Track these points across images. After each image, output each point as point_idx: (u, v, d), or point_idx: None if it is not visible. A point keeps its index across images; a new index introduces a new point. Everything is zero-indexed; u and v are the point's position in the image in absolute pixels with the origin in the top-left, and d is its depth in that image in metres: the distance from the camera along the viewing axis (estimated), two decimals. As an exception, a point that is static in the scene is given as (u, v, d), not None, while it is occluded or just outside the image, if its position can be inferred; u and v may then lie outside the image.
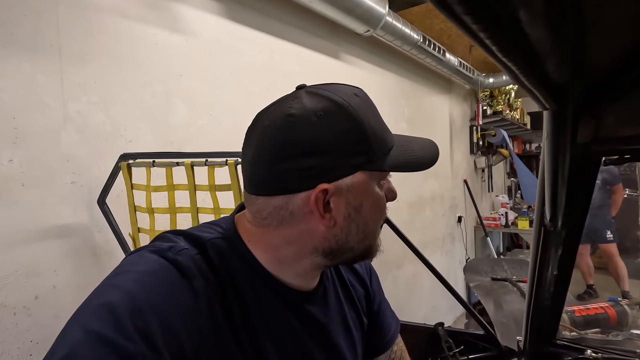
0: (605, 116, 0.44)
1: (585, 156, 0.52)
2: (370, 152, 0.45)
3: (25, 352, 0.98)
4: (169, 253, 0.44)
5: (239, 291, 0.46)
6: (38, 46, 1.02)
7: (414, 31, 2.31)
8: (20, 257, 0.98)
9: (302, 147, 0.43)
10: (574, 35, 0.25)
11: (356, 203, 0.46)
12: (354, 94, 0.47)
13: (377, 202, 0.49)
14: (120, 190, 1.12)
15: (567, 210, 0.61)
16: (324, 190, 0.44)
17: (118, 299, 0.38)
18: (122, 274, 0.42)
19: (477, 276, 1.73)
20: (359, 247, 0.49)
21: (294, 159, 0.43)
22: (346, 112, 0.44)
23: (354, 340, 0.60)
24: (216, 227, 0.51)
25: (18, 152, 0.98)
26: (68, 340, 0.36)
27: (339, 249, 0.48)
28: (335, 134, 0.43)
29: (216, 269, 0.46)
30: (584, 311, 1.18)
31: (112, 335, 0.35)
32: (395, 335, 0.71)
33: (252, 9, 1.64)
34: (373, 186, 0.48)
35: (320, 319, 0.54)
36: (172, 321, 0.39)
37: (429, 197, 3.18)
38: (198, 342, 0.41)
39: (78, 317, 0.38)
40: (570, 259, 0.75)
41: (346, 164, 0.44)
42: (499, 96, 4.01)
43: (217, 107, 1.49)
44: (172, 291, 0.41)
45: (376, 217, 0.50)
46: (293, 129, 0.43)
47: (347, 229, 0.47)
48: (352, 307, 0.62)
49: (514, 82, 0.32)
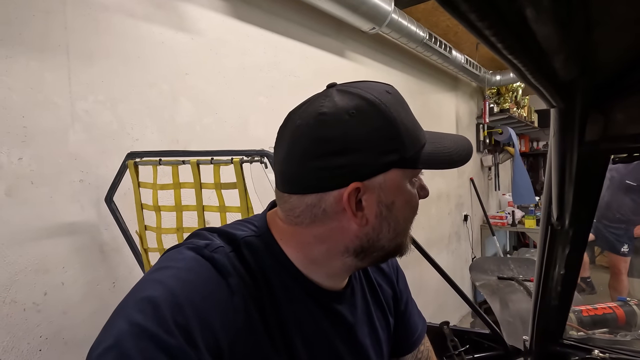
0: (613, 113, 0.43)
1: (593, 154, 0.51)
2: (402, 149, 0.45)
3: (35, 347, 1.00)
4: (206, 250, 0.45)
5: (272, 289, 0.47)
6: (46, 46, 1.03)
7: (420, 28, 2.30)
8: (29, 254, 1.00)
9: (335, 145, 0.43)
10: (582, 32, 0.25)
11: (388, 201, 0.46)
12: (386, 91, 0.46)
13: (409, 200, 0.48)
14: (127, 188, 1.13)
15: (575, 209, 0.61)
16: (357, 188, 0.44)
17: (160, 294, 0.39)
18: (163, 270, 0.43)
19: (483, 275, 1.72)
20: (390, 246, 0.49)
21: (326, 157, 0.43)
22: (378, 110, 0.44)
23: (380, 340, 0.60)
24: (249, 225, 0.52)
25: (27, 151, 0.99)
26: (114, 331, 0.37)
27: (369, 247, 0.48)
28: (367, 132, 0.43)
29: (250, 267, 0.47)
30: (592, 311, 1.17)
31: (154, 329, 0.37)
32: (422, 335, 0.71)
33: (257, 7, 1.64)
34: (405, 184, 0.47)
35: (348, 318, 0.54)
36: (209, 318, 0.40)
37: (434, 195, 3.17)
38: (233, 339, 0.42)
39: (123, 308, 0.40)
40: (578, 258, 0.75)
41: (379, 161, 0.44)
42: (506, 94, 3.97)
43: (223, 105, 1.50)
44: (210, 288, 0.42)
45: (408, 215, 0.50)
46: (325, 127, 0.43)
47: (379, 227, 0.47)
48: (379, 307, 0.62)
49: (520, 80, 0.32)
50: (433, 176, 3.13)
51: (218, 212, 0.97)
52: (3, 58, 0.95)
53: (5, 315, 0.95)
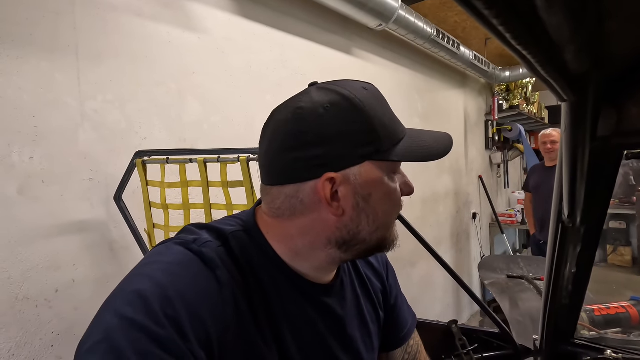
0: (627, 108, 0.42)
1: (605, 150, 0.50)
2: (377, 142, 0.46)
3: (47, 343, 1.02)
4: (194, 245, 0.45)
5: (260, 283, 0.48)
6: (56, 46, 1.04)
7: (427, 24, 2.27)
8: (41, 251, 1.02)
9: (310, 137, 0.45)
10: (594, 22, 0.24)
11: (365, 193, 0.47)
12: (362, 87, 0.48)
13: (388, 194, 0.49)
14: (135, 187, 1.14)
15: (587, 206, 0.59)
16: (331, 178, 0.45)
17: (148, 288, 0.39)
18: (151, 264, 0.44)
19: (493, 274, 1.70)
20: (372, 239, 0.50)
21: (302, 149, 0.45)
22: (352, 104, 0.46)
23: (370, 333, 0.61)
24: (237, 221, 0.53)
25: (38, 150, 1.01)
26: (103, 325, 0.38)
27: (351, 240, 0.49)
28: (341, 124, 0.45)
29: (238, 260, 0.47)
30: (604, 310, 1.15)
31: (144, 321, 0.37)
32: (412, 330, 0.71)
33: (263, 5, 1.64)
34: (383, 177, 0.48)
35: (337, 310, 0.54)
36: (199, 310, 0.41)
37: (443, 193, 3.14)
38: (223, 331, 0.42)
39: (111, 303, 0.40)
40: (590, 256, 0.73)
41: (353, 153, 0.46)
42: (515, 90, 3.91)
43: (230, 104, 1.50)
44: (198, 281, 0.42)
45: (388, 209, 0.50)
46: (301, 120, 0.46)
47: (357, 219, 0.48)
48: (369, 300, 0.63)
49: (530, 74, 0.31)
50: (441, 174, 3.10)
51: (225, 210, 0.97)
52: (14, 58, 0.97)
53: (18, 312, 0.97)
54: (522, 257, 1.95)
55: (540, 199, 2.94)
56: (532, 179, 3.08)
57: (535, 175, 3.06)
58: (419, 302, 2.79)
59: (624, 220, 4.40)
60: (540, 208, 2.94)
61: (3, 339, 0.94)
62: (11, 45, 0.96)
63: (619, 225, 4.45)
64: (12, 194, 0.96)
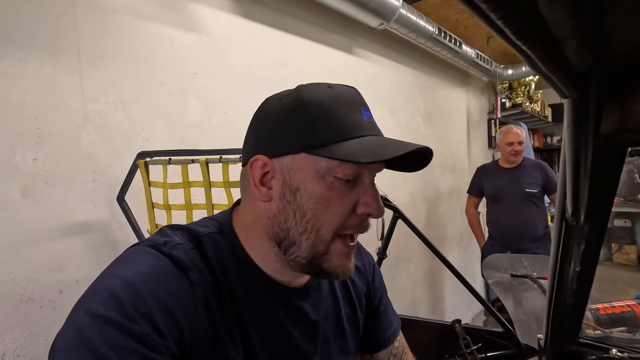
0: (631, 104, 0.41)
1: (609, 147, 0.49)
2: (309, 135, 0.46)
3: (51, 343, 1.02)
4: (164, 247, 0.46)
5: (230, 284, 0.48)
6: (58, 48, 1.05)
7: (429, 23, 2.26)
8: (45, 252, 1.02)
9: (258, 122, 0.50)
10: (596, 16, 0.24)
11: (293, 185, 0.47)
12: (327, 86, 0.49)
13: (318, 194, 0.46)
14: (138, 188, 1.14)
15: (590, 204, 0.59)
16: (261, 162, 0.48)
17: (119, 286, 0.40)
18: (121, 265, 0.44)
19: (496, 273, 1.69)
20: (302, 243, 0.47)
21: (253, 132, 0.50)
22: (299, 96, 0.47)
23: (345, 335, 0.61)
24: (213, 222, 0.53)
25: (41, 152, 1.01)
26: (75, 324, 0.38)
27: (284, 238, 0.48)
28: (283, 112, 0.48)
29: (210, 262, 0.48)
30: (609, 309, 1.14)
31: (117, 318, 0.37)
32: (397, 332, 0.71)
33: (265, 5, 1.64)
34: (315, 174, 0.46)
35: (308, 313, 0.55)
36: (171, 307, 0.41)
37: (445, 192, 3.13)
38: (194, 330, 0.43)
39: (82, 304, 0.40)
40: (594, 254, 0.72)
41: (288, 142, 0.47)
42: (518, 88, 3.89)
43: (231, 104, 1.50)
44: (169, 280, 0.43)
45: (318, 212, 0.46)
46: (261, 107, 0.51)
47: (284, 211, 0.48)
48: (349, 303, 0.63)
49: (533, 71, 0.31)
50: (443, 173, 3.09)
51: (227, 210, 0.97)
52: (17, 61, 0.97)
53: (23, 313, 0.98)
54: (526, 256, 1.93)
55: (501, 207, 2.49)
56: (487, 182, 2.58)
57: (492, 178, 2.55)
58: (422, 301, 2.78)
59: (629, 218, 4.37)
60: (503, 217, 2.48)
61: (8, 339, 0.95)
62: (14, 48, 0.97)
63: (624, 223, 4.42)
64: (15, 196, 0.97)
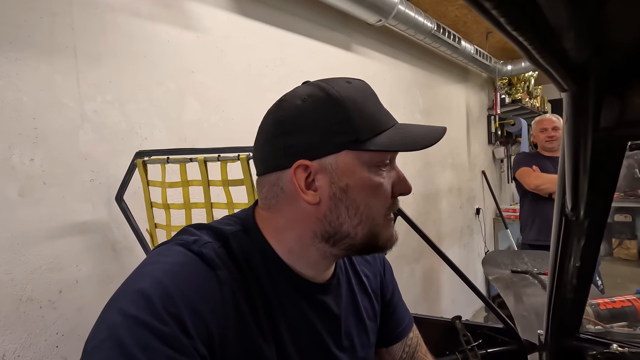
0: (630, 97, 0.41)
1: (608, 141, 0.48)
2: (353, 132, 0.46)
3: (52, 343, 1.02)
4: (194, 246, 0.46)
5: (259, 281, 0.48)
6: (54, 47, 1.04)
7: (427, 19, 2.25)
8: (44, 252, 1.02)
9: (288, 126, 0.47)
10: (594, 6, 0.23)
11: (342, 183, 0.47)
12: (346, 81, 0.49)
13: (368, 185, 0.48)
14: (137, 187, 1.14)
15: (590, 199, 0.58)
16: (305, 166, 0.47)
17: (149, 286, 0.40)
18: (152, 264, 0.44)
19: (497, 269, 1.69)
20: (357, 233, 0.49)
21: (282, 137, 0.48)
22: (327, 94, 0.47)
23: (366, 329, 0.61)
24: (236, 219, 0.53)
25: (39, 152, 1.01)
26: (107, 323, 0.38)
27: (335, 233, 0.49)
28: (316, 114, 0.47)
29: (238, 260, 0.48)
30: (610, 304, 1.14)
31: (148, 319, 0.38)
32: (410, 325, 0.72)
33: (262, 3, 1.63)
34: (361, 167, 0.48)
35: (332, 308, 0.55)
36: (200, 308, 0.41)
37: (445, 189, 3.12)
38: (223, 328, 0.43)
39: (114, 302, 0.41)
40: (594, 250, 0.72)
41: (329, 142, 0.46)
42: (517, 84, 3.87)
43: (229, 102, 1.50)
44: (199, 280, 0.43)
45: (371, 202, 0.49)
46: (282, 110, 0.49)
47: (335, 209, 0.48)
48: (366, 297, 0.63)
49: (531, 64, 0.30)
50: (443, 170, 3.09)
51: (226, 208, 0.97)
52: (13, 61, 0.97)
53: (23, 313, 0.98)
54: (526, 252, 1.93)
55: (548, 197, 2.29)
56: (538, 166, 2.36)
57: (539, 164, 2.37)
58: (423, 298, 2.78)
59: (629, 213, 4.36)
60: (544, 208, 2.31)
61: (8, 340, 0.95)
62: (10, 48, 0.96)
63: (625, 218, 4.41)
64: (13, 196, 0.97)
